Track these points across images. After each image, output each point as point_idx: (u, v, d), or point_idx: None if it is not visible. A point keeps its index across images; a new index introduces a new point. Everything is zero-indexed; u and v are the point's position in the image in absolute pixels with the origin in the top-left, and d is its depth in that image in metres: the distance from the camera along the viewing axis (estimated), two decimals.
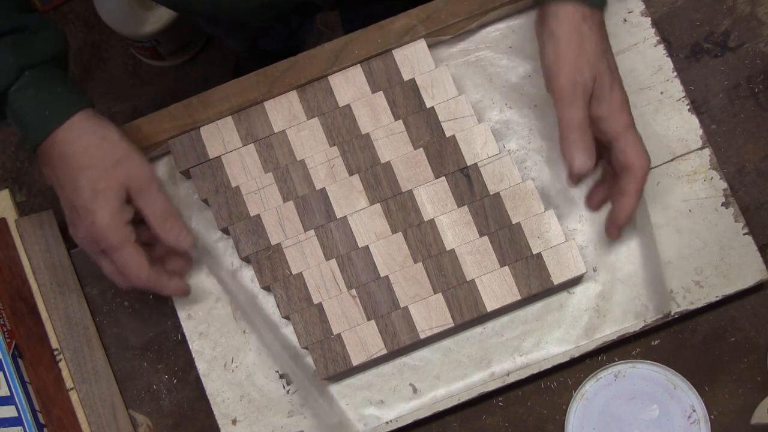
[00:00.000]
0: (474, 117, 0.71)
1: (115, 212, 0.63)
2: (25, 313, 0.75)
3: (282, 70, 0.73)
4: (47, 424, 0.73)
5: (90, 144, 0.63)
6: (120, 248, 0.64)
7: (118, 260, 0.64)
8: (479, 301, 0.68)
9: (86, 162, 0.63)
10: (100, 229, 0.63)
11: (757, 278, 0.71)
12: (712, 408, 0.71)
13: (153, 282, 0.66)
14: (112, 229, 0.63)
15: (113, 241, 0.63)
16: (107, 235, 0.63)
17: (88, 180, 0.63)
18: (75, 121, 0.63)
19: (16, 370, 0.73)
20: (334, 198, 0.70)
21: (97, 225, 0.63)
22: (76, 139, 0.63)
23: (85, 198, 0.63)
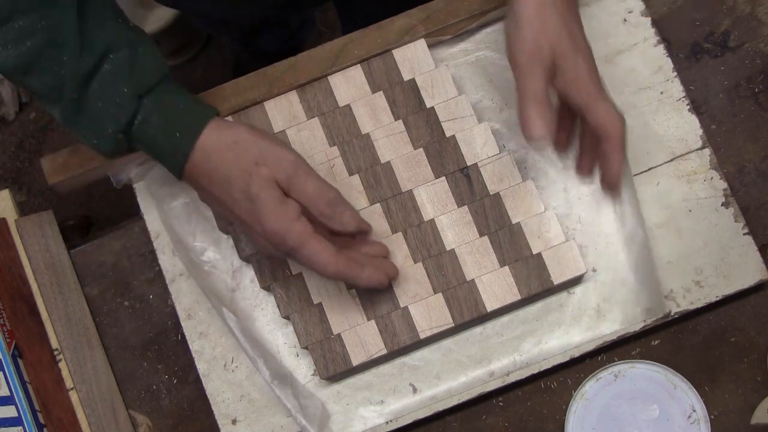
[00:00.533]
0: (474, 117, 0.71)
1: (279, 213, 0.60)
2: (25, 313, 0.75)
3: (282, 70, 0.73)
4: (47, 424, 0.73)
5: (224, 153, 0.60)
6: (300, 247, 0.60)
7: (302, 259, 0.61)
8: (479, 301, 0.68)
9: (229, 173, 0.60)
10: (272, 233, 0.60)
11: (757, 278, 0.71)
12: (712, 408, 0.71)
13: (345, 274, 0.62)
14: (284, 230, 0.59)
15: (291, 242, 0.60)
16: (282, 238, 0.60)
17: (238, 189, 0.60)
18: (205, 137, 0.60)
19: (16, 370, 0.73)
20: None
21: (268, 230, 0.60)
22: (210, 153, 0.60)
23: (245, 207, 0.60)
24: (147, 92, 0.60)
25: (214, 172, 0.60)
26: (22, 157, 1.65)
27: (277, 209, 0.60)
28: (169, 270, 0.75)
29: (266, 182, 0.60)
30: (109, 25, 0.59)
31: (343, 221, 0.63)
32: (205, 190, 0.62)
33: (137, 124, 0.60)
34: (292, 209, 0.60)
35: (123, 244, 0.78)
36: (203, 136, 0.60)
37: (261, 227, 0.60)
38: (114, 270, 0.78)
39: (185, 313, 0.74)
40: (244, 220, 0.61)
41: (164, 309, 0.77)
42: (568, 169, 0.73)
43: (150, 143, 0.61)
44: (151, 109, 0.60)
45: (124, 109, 0.59)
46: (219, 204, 0.63)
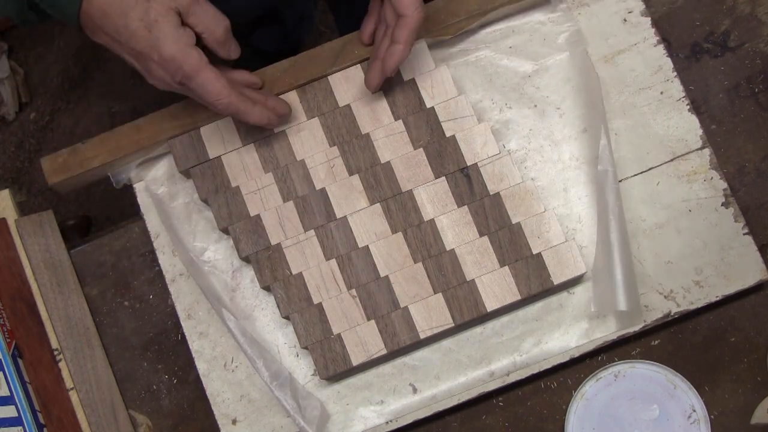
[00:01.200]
0: (474, 117, 0.71)
1: (176, 37, 0.61)
2: (25, 313, 0.75)
3: (282, 70, 0.73)
4: (47, 424, 0.73)
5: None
6: (196, 73, 0.62)
7: (197, 87, 0.62)
8: (479, 301, 0.68)
9: (125, 3, 0.60)
10: (168, 58, 0.61)
11: (757, 278, 0.71)
12: (712, 408, 0.71)
13: (236, 108, 0.64)
14: (181, 55, 0.61)
15: (187, 68, 0.61)
16: (178, 64, 0.61)
17: (137, 18, 0.61)
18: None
19: (16, 370, 0.73)
20: (334, 198, 0.70)
21: (165, 56, 0.61)
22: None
23: (142, 36, 0.61)
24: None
25: (108, 5, 0.61)
26: (22, 157, 1.65)
27: (175, 34, 0.61)
28: (169, 270, 0.75)
29: (165, 8, 0.61)
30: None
31: (233, 49, 0.66)
32: (103, 30, 0.63)
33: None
34: (189, 36, 0.62)
35: (123, 244, 0.78)
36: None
37: (158, 54, 0.61)
38: (114, 270, 0.78)
39: (185, 313, 0.74)
40: (140, 50, 0.62)
41: (164, 309, 0.77)
42: (568, 169, 0.73)
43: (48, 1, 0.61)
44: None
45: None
46: (115, 40, 0.63)
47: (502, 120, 0.74)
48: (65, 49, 1.68)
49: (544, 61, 0.75)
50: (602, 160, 0.70)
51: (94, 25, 0.63)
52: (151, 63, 0.62)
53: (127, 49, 0.63)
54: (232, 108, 0.64)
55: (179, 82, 0.63)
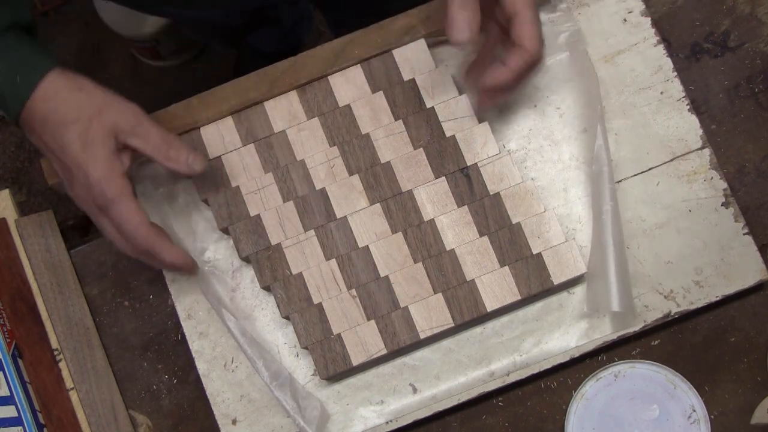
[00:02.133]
0: (474, 117, 0.71)
1: (107, 162, 0.61)
2: (25, 313, 0.75)
3: (282, 70, 0.73)
4: (47, 424, 0.73)
5: (67, 98, 0.61)
6: (117, 201, 0.61)
7: (116, 216, 0.62)
8: (479, 301, 0.68)
9: (68, 116, 0.61)
10: (94, 182, 0.61)
11: (757, 278, 0.71)
12: (712, 408, 0.71)
13: (153, 241, 0.63)
14: (107, 180, 0.61)
15: (109, 194, 0.61)
16: (103, 188, 0.61)
17: (74, 134, 0.61)
18: (48, 82, 0.61)
19: (16, 370, 0.73)
20: (334, 198, 0.70)
21: (91, 178, 0.61)
22: (52, 96, 0.61)
23: (75, 153, 0.61)
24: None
25: (52, 114, 0.61)
26: (22, 157, 1.65)
27: (108, 159, 0.61)
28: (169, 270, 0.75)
29: (104, 131, 0.61)
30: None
31: (189, 161, 0.64)
32: (38, 134, 0.63)
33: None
34: (120, 165, 0.62)
35: None
36: (47, 81, 0.61)
37: (84, 174, 0.61)
38: (114, 270, 0.78)
39: (185, 313, 0.74)
40: (68, 166, 0.62)
41: (164, 309, 0.77)
42: (568, 169, 0.73)
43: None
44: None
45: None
46: (49, 150, 0.63)
47: (502, 120, 0.74)
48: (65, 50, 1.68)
49: (544, 61, 0.75)
50: (597, 160, 0.70)
51: (32, 127, 0.63)
52: (75, 180, 0.62)
53: (57, 159, 0.63)
54: (149, 242, 0.63)
55: (99, 206, 0.63)
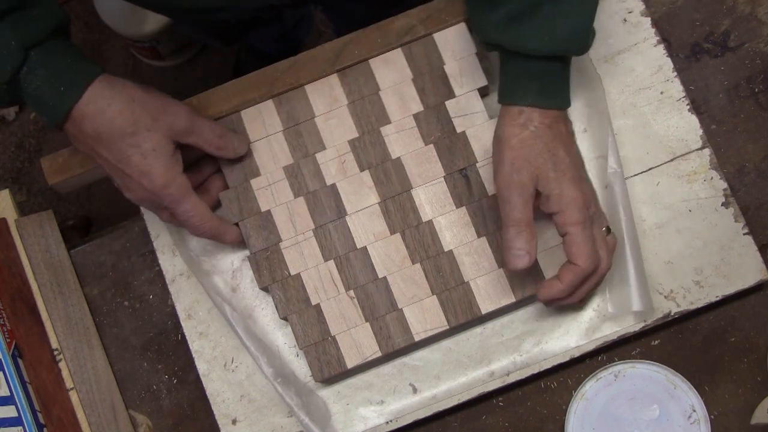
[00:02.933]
0: (485, 113, 0.71)
1: (169, 167, 0.63)
2: (25, 313, 0.75)
3: (282, 70, 0.73)
4: (47, 424, 0.73)
5: (121, 110, 0.61)
6: (182, 201, 0.64)
7: (181, 214, 0.65)
8: (474, 303, 0.68)
9: (126, 129, 0.62)
10: (159, 186, 0.63)
11: (757, 278, 0.71)
12: (712, 408, 0.71)
13: (215, 230, 0.67)
14: (170, 186, 0.63)
15: (175, 196, 0.64)
16: (167, 193, 0.64)
17: (133, 146, 0.62)
18: (94, 91, 0.61)
19: (16, 370, 0.73)
20: (344, 194, 0.70)
21: (155, 183, 0.63)
22: (105, 109, 0.61)
23: (136, 163, 0.62)
24: (35, 45, 0.60)
25: (108, 126, 0.61)
26: (22, 157, 1.65)
27: (169, 163, 0.63)
28: (169, 270, 0.75)
29: (163, 138, 0.63)
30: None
31: (236, 147, 0.69)
32: (91, 145, 0.63)
33: (22, 75, 0.60)
34: (180, 164, 0.65)
35: (123, 244, 0.78)
36: (92, 90, 0.61)
37: (149, 180, 0.63)
38: (114, 270, 0.78)
39: (185, 313, 0.74)
40: (129, 173, 0.63)
41: (164, 309, 0.77)
42: None
43: (34, 94, 0.61)
44: (37, 62, 0.60)
45: (10, 60, 0.59)
46: (103, 158, 0.64)
47: None
48: None
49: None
50: (611, 161, 0.70)
51: (81, 137, 0.63)
52: (136, 185, 0.64)
53: (114, 168, 0.64)
54: (212, 231, 0.68)
55: (164, 206, 0.65)
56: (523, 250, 0.62)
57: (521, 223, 0.62)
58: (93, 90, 0.61)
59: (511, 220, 0.62)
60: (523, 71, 0.64)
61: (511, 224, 0.62)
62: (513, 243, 0.62)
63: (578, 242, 0.62)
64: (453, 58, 0.72)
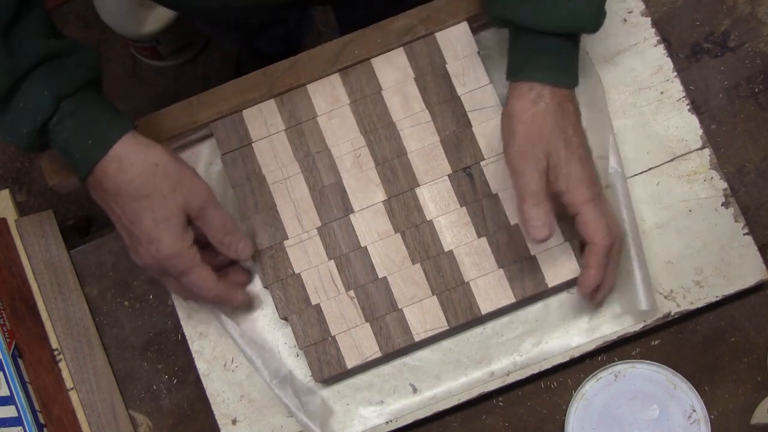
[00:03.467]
0: (500, 107, 0.70)
1: (179, 238, 0.63)
2: (25, 313, 0.75)
3: (282, 70, 0.73)
4: (47, 424, 0.73)
5: (143, 172, 0.62)
6: (189, 272, 0.64)
7: (187, 282, 0.65)
8: (474, 303, 0.68)
9: (143, 191, 0.62)
10: (165, 256, 0.63)
11: (757, 278, 0.71)
12: (712, 408, 0.71)
13: (221, 296, 0.67)
14: (179, 256, 0.63)
15: (182, 266, 0.64)
16: (174, 263, 0.63)
17: (147, 210, 0.62)
18: (121, 148, 0.61)
19: (16, 370, 0.73)
20: (351, 191, 0.70)
21: (162, 253, 0.63)
22: (127, 168, 0.61)
23: (147, 227, 0.62)
24: (67, 96, 0.60)
25: (127, 185, 0.62)
26: (22, 157, 1.65)
27: (179, 234, 0.63)
28: None
29: (177, 209, 0.63)
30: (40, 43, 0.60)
31: (239, 251, 0.68)
32: (108, 200, 0.64)
33: (52, 125, 0.61)
34: (190, 238, 0.64)
35: (123, 244, 0.78)
36: (119, 147, 0.61)
37: (157, 248, 0.62)
38: (114, 270, 0.78)
39: (185, 313, 0.74)
40: (138, 237, 0.63)
41: (164, 309, 0.77)
42: None
43: (62, 145, 0.62)
44: (68, 113, 0.61)
45: (41, 110, 0.60)
46: (116, 215, 0.64)
47: None
48: None
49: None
50: (612, 161, 0.70)
51: (101, 192, 0.64)
52: (143, 249, 0.63)
53: (125, 227, 0.64)
54: (219, 298, 0.67)
55: (170, 274, 0.65)
56: (541, 221, 0.62)
57: (538, 195, 0.62)
58: (118, 148, 0.61)
59: (528, 192, 0.62)
60: (535, 48, 0.64)
61: (527, 197, 0.62)
62: (531, 214, 0.62)
63: (592, 219, 0.63)
64: (455, 58, 0.72)
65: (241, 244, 0.67)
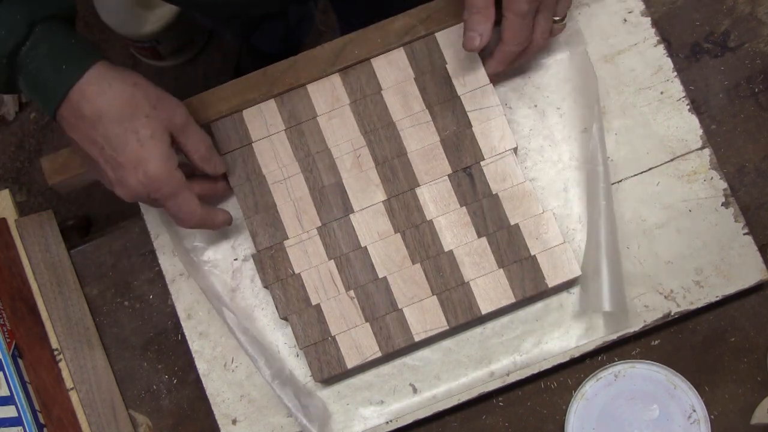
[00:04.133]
0: (501, 107, 0.70)
1: (165, 158, 0.61)
2: (25, 313, 0.75)
3: (282, 70, 0.73)
4: (47, 424, 0.73)
5: (123, 92, 0.60)
6: (176, 194, 0.63)
7: (173, 206, 0.64)
8: (474, 303, 0.68)
9: (125, 112, 0.60)
10: (153, 178, 0.61)
11: (757, 278, 0.71)
12: (712, 408, 0.71)
13: (204, 220, 0.66)
14: (167, 176, 0.61)
15: (169, 189, 0.62)
16: (163, 184, 0.62)
17: (131, 131, 0.60)
18: (97, 72, 0.59)
19: (16, 370, 0.73)
20: (351, 191, 0.70)
21: (150, 174, 0.61)
22: (106, 89, 0.59)
23: (133, 149, 0.60)
24: (40, 21, 0.59)
25: (108, 107, 0.60)
26: (22, 157, 1.65)
27: (165, 154, 0.62)
28: (169, 270, 0.75)
29: (161, 127, 0.61)
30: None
31: (218, 165, 0.68)
32: (86, 129, 0.61)
33: (24, 51, 0.59)
34: (176, 159, 0.63)
35: (123, 244, 0.78)
36: (95, 71, 0.59)
37: (143, 171, 0.61)
38: (114, 270, 0.78)
39: (185, 313, 0.74)
40: (122, 162, 0.61)
41: (164, 309, 0.77)
42: (568, 169, 0.73)
43: (33, 73, 0.60)
44: (40, 38, 0.59)
45: (14, 33, 0.58)
46: (96, 143, 0.61)
47: None
48: None
49: (544, 60, 0.75)
50: (592, 160, 0.70)
51: (78, 121, 0.60)
52: (129, 176, 0.61)
53: (107, 157, 0.61)
54: (203, 221, 0.67)
55: (155, 198, 0.63)
56: (476, 31, 0.64)
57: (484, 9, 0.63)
58: (95, 71, 0.60)
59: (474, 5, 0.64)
60: None
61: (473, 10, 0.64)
62: (467, 24, 0.64)
63: (512, 29, 0.65)
64: (455, 58, 0.72)
65: (220, 159, 0.68)
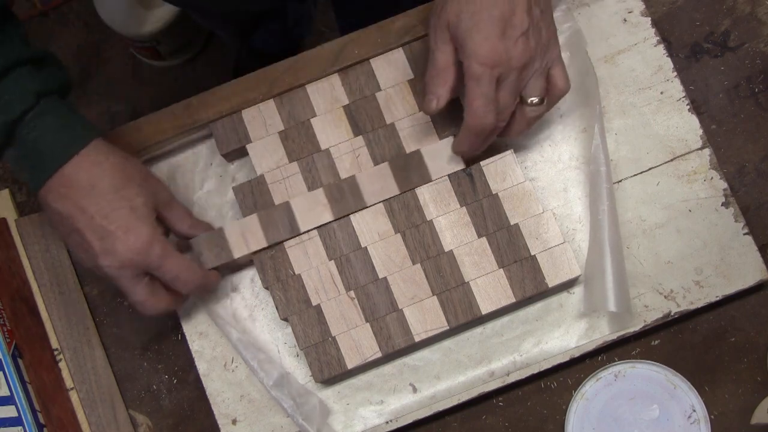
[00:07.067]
0: None
1: (153, 226, 0.64)
2: (25, 313, 0.75)
3: (282, 70, 0.73)
4: (47, 424, 0.73)
5: (118, 163, 0.63)
6: (169, 257, 0.64)
7: (169, 271, 0.64)
8: (474, 303, 0.68)
9: (119, 183, 0.63)
10: (144, 244, 0.63)
11: (757, 278, 0.71)
12: (712, 408, 0.71)
13: (204, 282, 0.67)
14: (157, 242, 0.63)
15: (160, 254, 0.63)
16: (154, 249, 0.63)
17: (124, 199, 0.63)
18: (95, 146, 0.63)
19: (16, 370, 0.73)
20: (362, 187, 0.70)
21: (141, 240, 0.62)
22: (103, 161, 0.63)
23: (124, 215, 0.62)
24: (47, 94, 0.62)
25: (102, 178, 0.62)
26: None
27: (153, 223, 0.64)
28: None
29: (150, 199, 0.65)
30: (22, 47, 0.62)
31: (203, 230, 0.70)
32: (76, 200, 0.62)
33: (28, 118, 0.61)
34: (161, 228, 0.66)
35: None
36: (93, 146, 0.63)
37: (136, 236, 0.62)
38: None
39: (185, 313, 0.74)
40: (113, 231, 0.62)
41: None
42: (568, 169, 0.73)
43: (31, 144, 0.62)
44: (46, 109, 0.62)
45: (22, 101, 0.61)
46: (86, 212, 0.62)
47: None
48: (65, 49, 1.68)
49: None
50: (595, 160, 0.70)
51: (71, 191, 0.62)
52: (119, 243, 0.62)
53: (96, 226, 0.62)
54: (202, 285, 0.67)
55: (146, 266, 0.64)
56: (434, 94, 0.64)
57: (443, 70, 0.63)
58: (94, 144, 0.63)
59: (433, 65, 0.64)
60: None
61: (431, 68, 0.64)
62: (425, 86, 0.65)
63: (470, 96, 0.62)
64: None
65: (205, 225, 0.71)
